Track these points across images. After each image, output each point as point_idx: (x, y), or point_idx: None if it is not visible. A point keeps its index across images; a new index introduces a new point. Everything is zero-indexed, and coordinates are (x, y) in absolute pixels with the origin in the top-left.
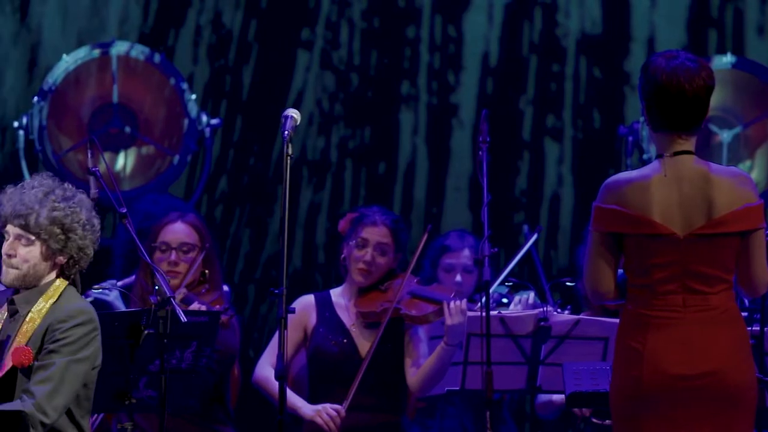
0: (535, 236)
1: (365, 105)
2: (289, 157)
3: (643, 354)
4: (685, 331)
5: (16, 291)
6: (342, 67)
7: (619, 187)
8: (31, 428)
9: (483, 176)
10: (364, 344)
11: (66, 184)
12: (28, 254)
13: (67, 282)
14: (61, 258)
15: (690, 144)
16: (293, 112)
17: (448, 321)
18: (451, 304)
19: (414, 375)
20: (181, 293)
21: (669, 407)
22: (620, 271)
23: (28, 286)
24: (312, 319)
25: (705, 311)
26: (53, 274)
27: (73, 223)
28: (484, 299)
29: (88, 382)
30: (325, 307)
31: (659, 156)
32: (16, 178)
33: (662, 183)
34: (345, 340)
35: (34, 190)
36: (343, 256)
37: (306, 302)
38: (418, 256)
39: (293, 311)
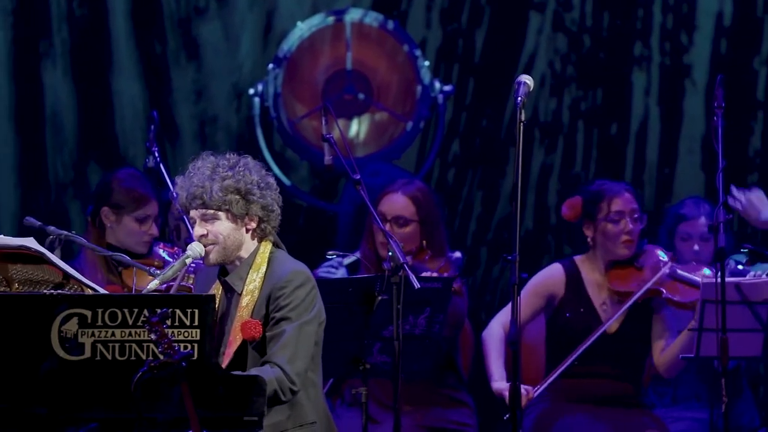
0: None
1: (597, 66)
2: (522, 123)
3: None
4: None
5: (223, 270)
6: (574, 29)
7: None
8: (281, 395)
9: (718, 142)
10: (612, 323)
11: (228, 154)
12: (218, 228)
13: (269, 244)
14: (249, 222)
15: None
16: (526, 78)
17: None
18: None
19: (662, 356)
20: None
21: None
22: None
23: (231, 259)
24: (560, 291)
25: None
26: (250, 240)
27: (247, 185)
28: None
29: (317, 340)
30: (574, 280)
31: None
32: (251, 144)
33: None
34: (592, 318)
35: (201, 169)
36: (590, 237)
37: (555, 272)
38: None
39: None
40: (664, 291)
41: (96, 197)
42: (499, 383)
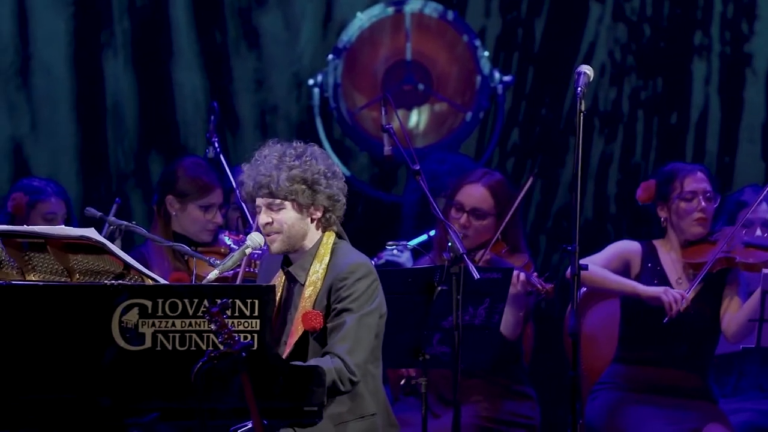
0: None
1: (657, 56)
2: (582, 113)
3: None
4: None
5: (287, 260)
6: (634, 18)
7: None
8: (340, 385)
9: None
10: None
11: (295, 143)
12: (283, 217)
13: (333, 235)
14: (315, 212)
15: None
16: (586, 69)
17: None
18: None
19: (731, 319)
20: (485, 255)
21: None
22: None
23: (295, 248)
24: (636, 264)
25: None
26: (314, 229)
27: (314, 175)
28: None
29: (378, 333)
30: (650, 256)
31: None
32: (311, 134)
33: None
34: None
35: (267, 158)
36: (664, 218)
37: (632, 244)
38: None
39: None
40: (738, 257)
41: (161, 186)
42: (645, 288)
